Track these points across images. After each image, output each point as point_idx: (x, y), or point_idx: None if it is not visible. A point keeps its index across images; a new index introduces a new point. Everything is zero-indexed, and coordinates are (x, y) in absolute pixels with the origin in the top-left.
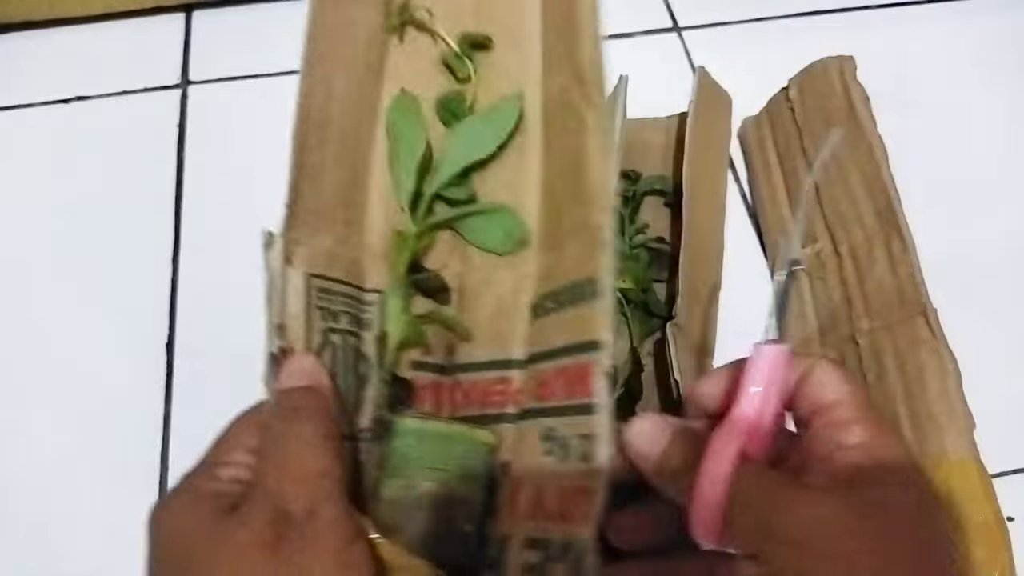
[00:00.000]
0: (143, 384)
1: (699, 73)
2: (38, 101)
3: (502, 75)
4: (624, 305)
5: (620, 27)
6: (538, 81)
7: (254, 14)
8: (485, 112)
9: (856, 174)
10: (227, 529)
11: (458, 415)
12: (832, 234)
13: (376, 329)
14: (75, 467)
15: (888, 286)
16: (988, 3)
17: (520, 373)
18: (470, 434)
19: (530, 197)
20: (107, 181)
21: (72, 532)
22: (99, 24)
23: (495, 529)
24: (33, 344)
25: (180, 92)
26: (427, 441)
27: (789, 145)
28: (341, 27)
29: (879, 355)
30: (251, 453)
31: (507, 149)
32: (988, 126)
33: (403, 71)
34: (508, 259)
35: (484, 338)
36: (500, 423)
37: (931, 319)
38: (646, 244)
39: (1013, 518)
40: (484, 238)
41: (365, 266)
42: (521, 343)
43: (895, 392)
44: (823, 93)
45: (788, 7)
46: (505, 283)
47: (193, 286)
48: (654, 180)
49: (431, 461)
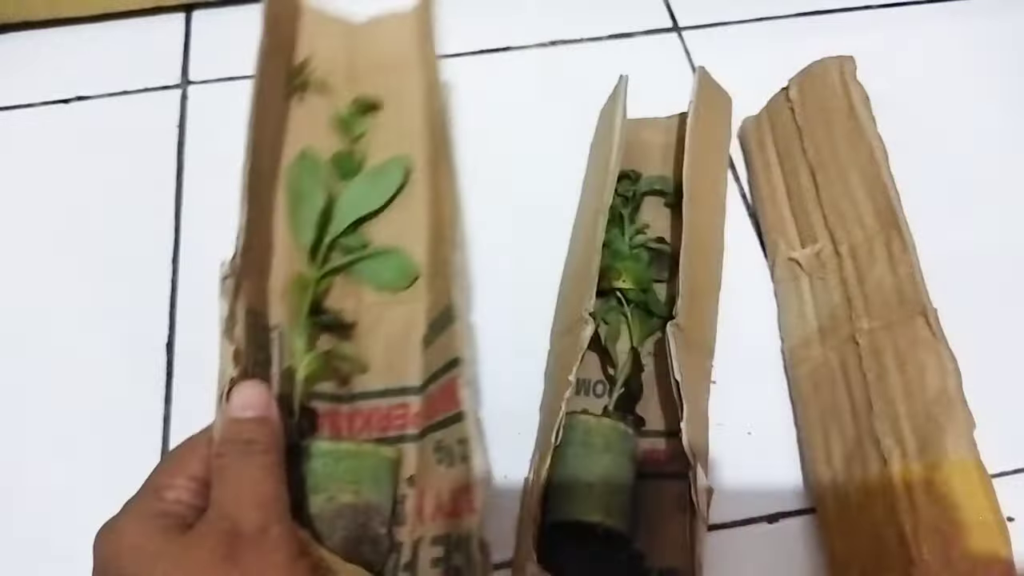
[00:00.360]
0: (143, 385)
1: (699, 73)
2: (38, 101)
3: (391, 133)
4: (624, 305)
5: (620, 27)
6: (423, 139)
7: (254, 14)
8: (375, 170)
9: (856, 174)
10: (184, 545)
11: (358, 439)
12: (832, 234)
13: (277, 364)
14: (74, 467)
15: (888, 286)
16: (988, 3)
17: (416, 398)
18: (375, 451)
19: (419, 241)
20: (107, 181)
21: (72, 532)
22: (99, 24)
23: (410, 535)
24: (33, 344)
25: (180, 92)
26: (341, 459)
27: (789, 145)
28: (265, 92)
29: (879, 355)
30: (193, 479)
31: (395, 201)
32: (988, 126)
33: (303, 129)
34: (400, 296)
35: (379, 369)
36: (403, 443)
37: (931, 319)
38: (646, 244)
39: (1013, 518)
40: (378, 278)
41: (270, 305)
42: (417, 372)
43: (895, 392)
44: (823, 93)
45: (788, 7)
46: (397, 320)
47: (193, 287)
48: (654, 180)
49: (346, 476)
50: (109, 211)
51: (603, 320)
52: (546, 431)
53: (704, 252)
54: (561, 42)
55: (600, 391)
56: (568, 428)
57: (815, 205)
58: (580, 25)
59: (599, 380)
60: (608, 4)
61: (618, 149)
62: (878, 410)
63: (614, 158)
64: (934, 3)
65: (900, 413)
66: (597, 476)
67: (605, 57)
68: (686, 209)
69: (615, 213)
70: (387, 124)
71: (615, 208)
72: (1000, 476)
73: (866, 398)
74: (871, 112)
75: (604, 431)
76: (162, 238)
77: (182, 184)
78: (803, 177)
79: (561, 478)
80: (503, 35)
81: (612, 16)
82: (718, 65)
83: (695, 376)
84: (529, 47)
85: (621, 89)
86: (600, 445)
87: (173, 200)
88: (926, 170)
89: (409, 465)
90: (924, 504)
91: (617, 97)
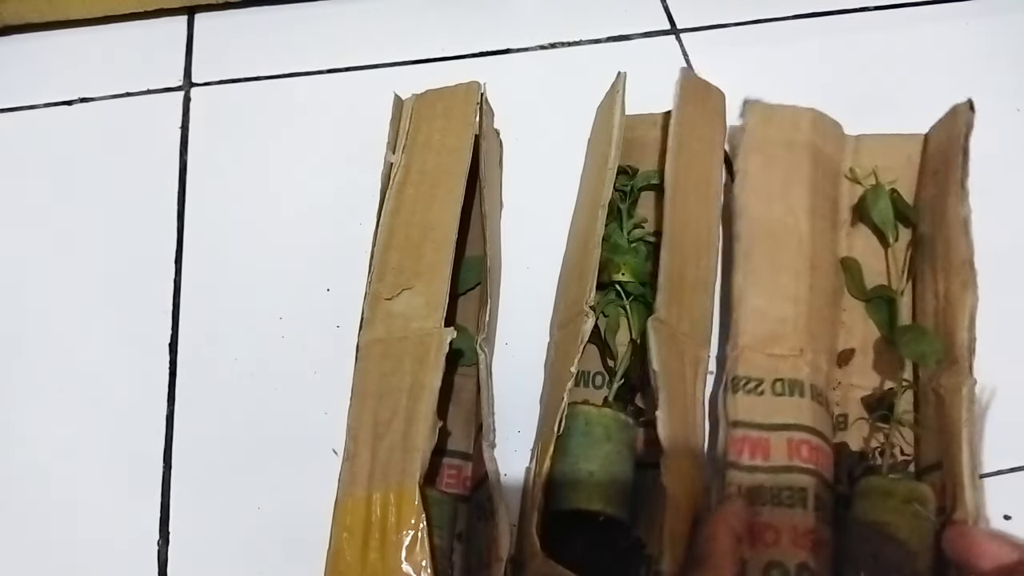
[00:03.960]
0: (146, 384)
1: (682, 73)
2: (41, 103)
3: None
4: (623, 298)
5: (619, 30)
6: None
7: (257, 17)
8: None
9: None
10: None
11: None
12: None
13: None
14: (78, 466)
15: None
16: (988, 4)
17: (468, 463)
18: (449, 500)
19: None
20: (110, 183)
21: (75, 531)
22: (102, 26)
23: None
24: (36, 345)
25: (183, 94)
26: (433, 505)
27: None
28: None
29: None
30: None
31: (472, 291)
32: (988, 126)
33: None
34: (463, 370)
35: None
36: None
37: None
38: (644, 238)
39: (1010, 516)
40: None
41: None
42: (468, 438)
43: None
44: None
45: (785, 9)
46: (465, 390)
47: (196, 287)
48: (651, 175)
49: (436, 520)
50: (112, 212)
51: (603, 313)
52: (548, 421)
53: (692, 245)
54: (560, 44)
55: (599, 382)
56: (569, 418)
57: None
58: (579, 28)
59: (598, 372)
60: (607, 7)
61: (616, 145)
62: None
63: (612, 154)
64: (933, 4)
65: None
66: (598, 465)
67: (604, 59)
68: (667, 204)
69: (613, 207)
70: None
71: (613, 203)
72: (997, 475)
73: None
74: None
75: (604, 421)
76: (165, 239)
77: (185, 185)
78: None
79: (562, 467)
80: (503, 38)
81: (611, 19)
82: (716, 67)
83: (680, 367)
84: (529, 49)
85: (619, 85)
86: (600, 435)
87: (176, 201)
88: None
89: (460, 522)
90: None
91: (615, 93)
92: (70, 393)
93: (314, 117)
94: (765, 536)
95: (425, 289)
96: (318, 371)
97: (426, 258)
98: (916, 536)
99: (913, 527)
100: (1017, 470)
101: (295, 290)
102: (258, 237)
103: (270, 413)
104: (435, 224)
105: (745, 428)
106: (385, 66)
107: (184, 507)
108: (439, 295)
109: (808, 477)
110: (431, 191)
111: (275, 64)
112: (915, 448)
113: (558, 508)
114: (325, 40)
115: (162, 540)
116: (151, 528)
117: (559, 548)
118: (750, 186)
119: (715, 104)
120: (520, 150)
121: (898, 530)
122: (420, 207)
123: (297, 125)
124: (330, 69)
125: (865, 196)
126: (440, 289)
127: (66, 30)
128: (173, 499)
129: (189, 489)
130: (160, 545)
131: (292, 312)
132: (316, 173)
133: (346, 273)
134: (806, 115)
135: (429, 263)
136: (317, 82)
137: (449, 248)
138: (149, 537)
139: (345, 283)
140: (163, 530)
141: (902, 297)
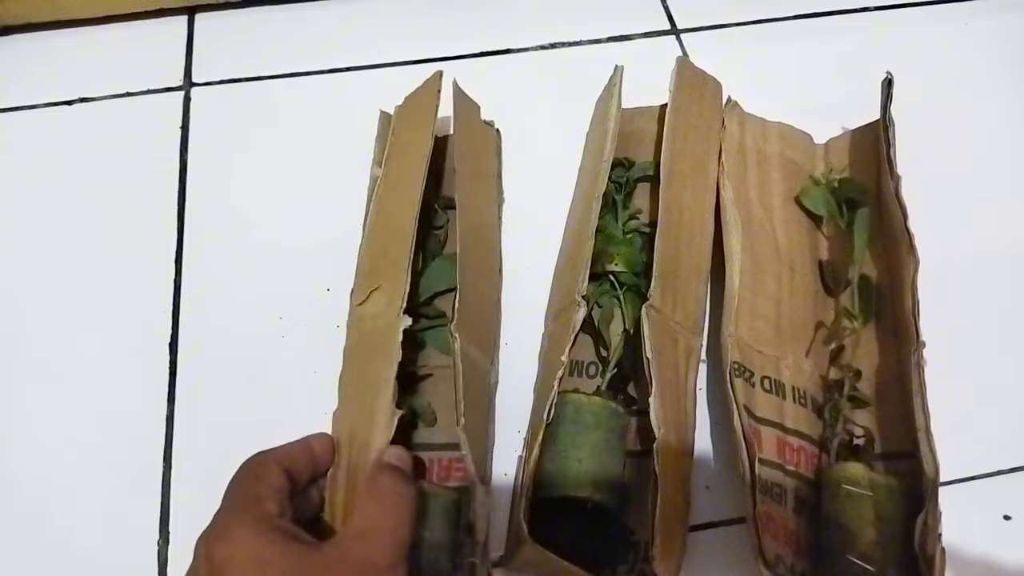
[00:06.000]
0: (146, 384)
1: (678, 62)
2: (41, 103)
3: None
4: (617, 288)
5: (619, 30)
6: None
7: (257, 17)
8: (451, 255)
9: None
10: (317, 564)
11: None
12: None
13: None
14: (78, 466)
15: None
16: (988, 4)
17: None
18: (444, 492)
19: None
20: (110, 183)
21: (75, 530)
22: (102, 26)
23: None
24: (36, 344)
25: (183, 94)
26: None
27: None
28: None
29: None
30: (277, 491)
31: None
32: (989, 126)
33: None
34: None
35: (443, 424)
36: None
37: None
38: (639, 229)
39: (1010, 516)
40: (444, 345)
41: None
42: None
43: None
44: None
45: (785, 10)
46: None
47: (196, 286)
48: (647, 166)
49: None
50: (112, 212)
51: (596, 303)
52: (538, 410)
53: (687, 233)
54: (560, 44)
55: (593, 372)
56: (559, 406)
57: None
58: (579, 27)
59: (592, 361)
60: (607, 7)
61: (613, 138)
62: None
63: (608, 147)
64: (933, 4)
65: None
66: (587, 453)
67: (604, 59)
68: (662, 192)
69: (609, 199)
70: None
71: (609, 194)
72: (997, 475)
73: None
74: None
75: (594, 409)
76: (165, 238)
77: (185, 185)
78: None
79: (552, 455)
80: (503, 38)
81: (611, 18)
82: (716, 67)
83: (674, 355)
84: (529, 49)
85: (616, 79)
86: (590, 422)
87: (176, 201)
88: (926, 170)
89: (467, 512)
90: None
91: (612, 87)
92: (70, 393)
93: (314, 117)
94: (770, 527)
95: (389, 286)
96: (318, 371)
97: (390, 256)
98: (855, 516)
99: (851, 509)
100: (1017, 470)
101: (295, 290)
102: (258, 237)
103: (270, 413)
104: (397, 222)
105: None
106: (385, 66)
107: (184, 507)
108: (399, 286)
109: (790, 479)
110: (398, 191)
111: (275, 64)
112: (876, 429)
113: (547, 495)
114: (325, 40)
115: (162, 540)
116: (151, 528)
117: (548, 535)
118: (732, 185)
119: (711, 93)
120: (520, 150)
121: (840, 515)
122: (388, 210)
123: (298, 125)
124: (330, 69)
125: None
126: (400, 280)
127: (66, 30)
128: (173, 499)
129: (189, 489)
130: (160, 545)
131: (292, 312)
132: (317, 173)
133: (346, 273)
134: (773, 128)
135: (392, 260)
136: (317, 82)
137: (406, 240)
138: (149, 537)
139: (345, 283)
140: (163, 530)
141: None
